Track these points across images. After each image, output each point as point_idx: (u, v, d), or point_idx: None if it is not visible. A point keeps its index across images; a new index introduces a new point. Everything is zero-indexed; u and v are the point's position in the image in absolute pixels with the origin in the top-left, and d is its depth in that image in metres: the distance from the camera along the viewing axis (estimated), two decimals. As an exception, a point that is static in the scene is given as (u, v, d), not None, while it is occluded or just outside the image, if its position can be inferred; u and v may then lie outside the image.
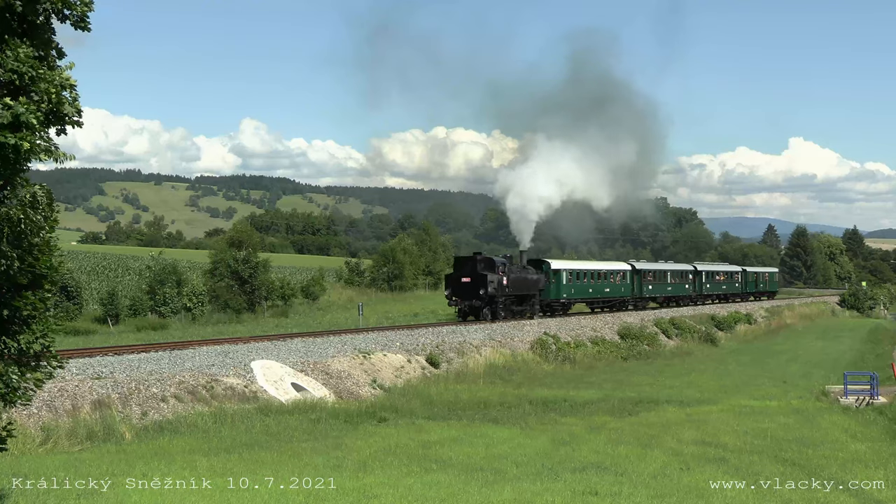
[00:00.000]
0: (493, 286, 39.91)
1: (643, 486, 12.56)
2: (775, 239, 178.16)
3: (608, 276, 53.60)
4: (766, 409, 21.47)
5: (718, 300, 72.23)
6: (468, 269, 40.25)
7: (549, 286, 46.30)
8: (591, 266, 53.94)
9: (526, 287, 43.42)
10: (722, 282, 72.92)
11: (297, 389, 23.02)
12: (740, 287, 76.95)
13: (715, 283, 71.17)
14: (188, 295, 55.73)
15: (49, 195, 8.11)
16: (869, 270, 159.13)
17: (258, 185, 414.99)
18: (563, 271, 47.83)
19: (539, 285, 44.97)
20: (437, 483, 12.53)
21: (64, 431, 16.42)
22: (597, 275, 52.21)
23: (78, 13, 7.84)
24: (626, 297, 55.82)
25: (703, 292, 68.30)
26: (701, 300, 68.22)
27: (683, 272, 65.50)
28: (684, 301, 64.95)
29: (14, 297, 7.97)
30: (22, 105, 7.17)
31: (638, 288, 57.06)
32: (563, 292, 47.78)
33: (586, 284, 50.48)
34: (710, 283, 69.77)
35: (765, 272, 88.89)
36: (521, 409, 22.18)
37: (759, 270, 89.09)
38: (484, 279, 39.56)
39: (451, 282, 40.86)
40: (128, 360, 22.19)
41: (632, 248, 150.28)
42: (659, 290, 61.03)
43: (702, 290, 67.88)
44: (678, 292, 63.92)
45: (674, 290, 63.23)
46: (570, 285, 48.44)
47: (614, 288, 54.17)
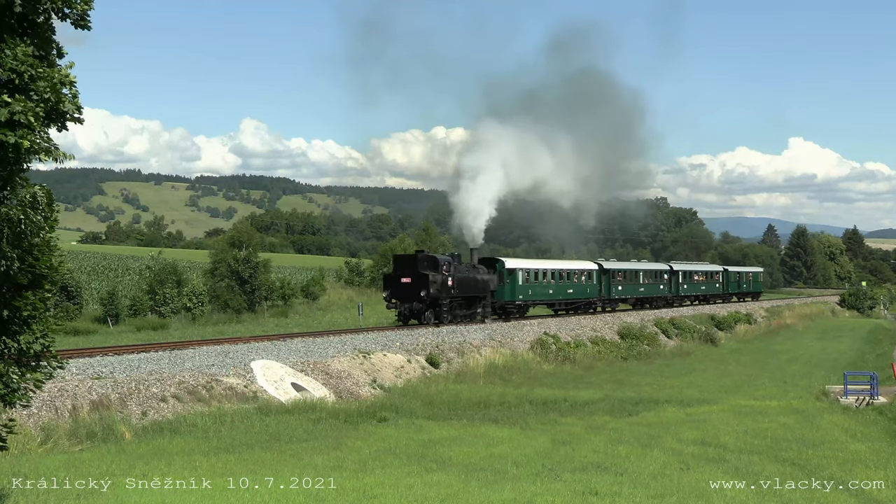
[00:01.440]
0: (437, 287, 36.73)
1: (643, 486, 12.56)
2: (775, 239, 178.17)
3: (571, 275, 49.79)
4: (766, 409, 21.46)
5: (697, 301, 69.26)
6: (408, 269, 36.93)
7: (503, 287, 42.84)
8: (551, 265, 49.80)
9: (475, 288, 40.17)
10: (701, 282, 69.34)
11: (297, 389, 23.02)
12: (721, 288, 73.55)
13: (693, 283, 67.57)
14: (188, 295, 55.76)
15: (49, 195, 8.11)
16: (869, 270, 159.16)
17: (258, 185, 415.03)
18: (518, 271, 44.23)
19: (490, 286, 41.57)
20: (438, 483, 12.52)
21: (64, 431, 16.42)
22: (558, 274, 48.31)
23: (78, 11, 7.84)
24: (592, 298, 51.96)
25: (680, 293, 64.99)
26: (677, 302, 64.90)
27: (658, 272, 61.93)
28: (658, 303, 61.58)
29: (14, 298, 7.97)
30: (19, 103, 7.16)
31: (606, 289, 53.37)
32: (519, 294, 44.08)
33: (546, 285, 46.75)
34: (687, 283, 66.23)
35: (748, 272, 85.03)
36: (521, 409, 22.18)
37: (743, 270, 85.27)
38: (425, 279, 36.18)
39: (390, 282, 37.52)
40: (128, 360, 22.19)
41: (632, 249, 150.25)
42: (630, 291, 57.28)
43: (678, 290, 64.43)
44: (652, 293, 60.45)
45: (647, 291, 59.61)
46: (527, 286, 44.82)
47: (579, 289, 50.36)
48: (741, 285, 78.90)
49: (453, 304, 38.39)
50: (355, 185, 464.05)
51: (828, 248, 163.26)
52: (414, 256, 38.03)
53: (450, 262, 38.01)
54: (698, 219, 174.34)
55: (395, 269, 38.13)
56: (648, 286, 59.58)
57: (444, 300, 37.35)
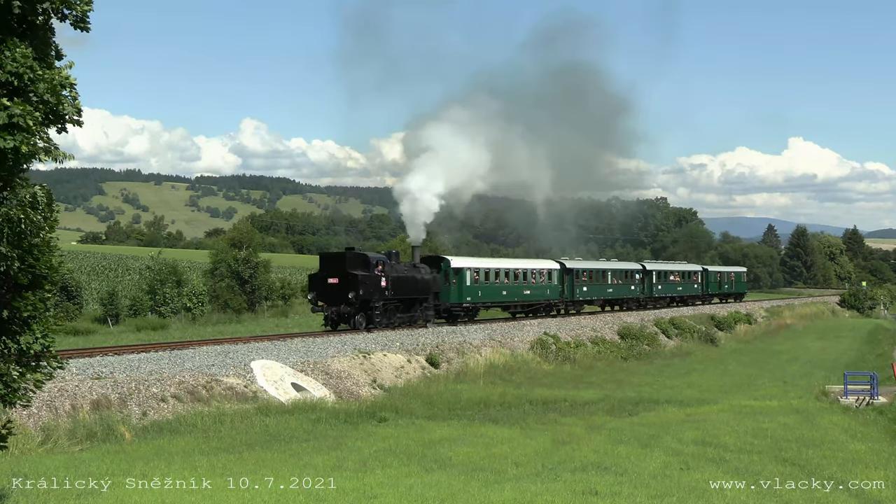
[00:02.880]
0: (368, 288, 33.48)
1: (643, 486, 12.56)
2: (775, 239, 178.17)
3: (528, 275, 46.02)
4: (766, 409, 21.47)
5: (673, 303, 65.25)
6: (336, 268, 33.60)
7: (448, 288, 39.50)
8: (505, 264, 46.06)
9: (414, 289, 36.75)
10: (677, 283, 65.22)
11: (297, 389, 23.02)
12: (700, 288, 69.47)
13: (668, 283, 63.61)
14: (188, 295, 55.78)
15: (49, 195, 8.11)
16: (869, 270, 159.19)
17: (258, 185, 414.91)
18: (466, 270, 40.70)
19: (433, 287, 38.15)
20: (438, 483, 12.52)
21: (64, 431, 16.42)
22: (513, 274, 44.68)
23: (78, 13, 7.84)
24: (552, 300, 48.26)
25: (654, 294, 60.85)
26: (651, 303, 60.74)
27: (628, 272, 58.23)
28: (629, 304, 58.00)
29: (14, 298, 7.97)
30: (17, 106, 7.16)
31: (569, 289, 49.66)
32: (467, 295, 40.60)
33: (498, 286, 43.19)
34: (662, 283, 62.21)
35: (730, 272, 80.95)
36: (521, 409, 22.19)
37: (724, 270, 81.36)
38: (354, 280, 32.98)
39: (316, 283, 34.12)
40: (128, 360, 22.19)
41: (632, 249, 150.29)
42: (596, 293, 53.36)
43: (652, 291, 60.43)
44: (621, 294, 56.73)
45: (615, 292, 55.86)
46: (477, 287, 41.31)
47: (537, 290, 46.70)
48: (722, 286, 75.20)
49: (388, 306, 34.99)
50: (355, 185, 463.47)
51: (828, 248, 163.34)
52: (342, 255, 34.71)
53: (384, 261, 34.87)
54: (698, 219, 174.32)
55: (321, 268, 34.68)
56: (618, 287, 56.06)
57: (376, 302, 33.96)
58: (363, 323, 33.64)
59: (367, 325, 33.84)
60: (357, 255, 34.56)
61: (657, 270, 62.00)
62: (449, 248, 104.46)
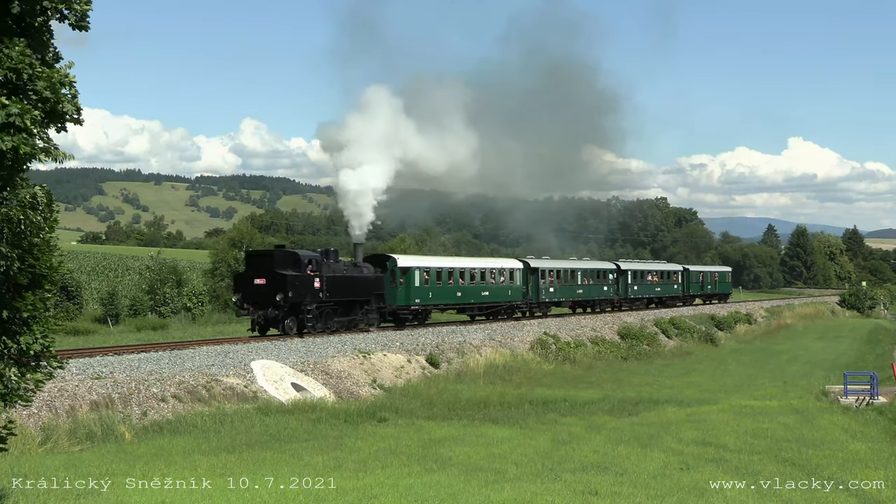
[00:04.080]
0: (298, 289, 30.48)
1: (643, 486, 12.56)
2: (775, 239, 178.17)
3: (487, 275, 42.47)
4: (766, 409, 21.47)
5: (651, 304, 62.22)
6: (262, 268, 30.59)
7: (395, 289, 36.40)
8: (460, 263, 42.32)
9: (354, 290, 33.75)
10: (655, 283, 61.75)
11: (297, 389, 23.02)
12: (680, 289, 65.77)
13: (645, 284, 60.18)
14: (188, 295, 55.78)
15: (49, 196, 8.11)
16: (869, 270, 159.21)
17: (258, 185, 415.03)
18: (415, 270, 37.36)
19: (377, 288, 35.07)
20: (438, 483, 12.52)
21: (64, 431, 16.42)
22: (469, 274, 41.14)
23: (77, 13, 7.83)
24: (515, 301, 44.62)
25: (629, 295, 57.62)
26: (626, 304, 57.73)
27: (601, 271, 54.56)
28: (601, 305, 54.70)
29: (14, 298, 7.97)
30: (16, 105, 7.15)
31: (534, 290, 46.24)
32: (416, 297, 37.24)
33: (452, 287, 39.74)
34: (638, 284, 58.83)
35: (713, 272, 77.25)
36: (521, 409, 22.18)
37: (707, 270, 77.46)
38: (283, 281, 29.97)
39: (241, 284, 31.11)
40: (128, 360, 22.19)
41: (632, 248, 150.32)
42: (564, 294, 49.92)
43: (627, 292, 57.17)
44: (593, 295, 53.17)
45: (586, 293, 52.26)
46: (427, 288, 37.91)
47: (497, 291, 43.11)
48: (705, 286, 71.32)
49: (324, 309, 32.05)
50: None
51: (828, 248, 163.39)
52: (269, 252, 31.90)
53: (318, 260, 31.80)
54: (698, 219, 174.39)
55: (247, 267, 31.66)
56: (589, 287, 52.50)
57: (308, 305, 31.00)
58: (293, 328, 30.73)
59: (299, 330, 31.02)
60: (286, 253, 31.81)
61: (633, 270, 58.82)
62: (449, 248, 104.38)
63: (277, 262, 30.62)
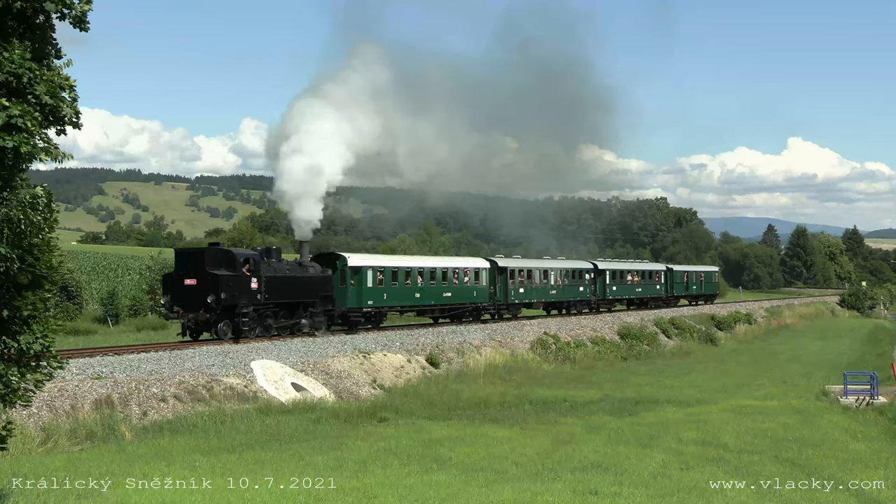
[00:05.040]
0: (232, 291, 28.02)
1: (643, 486, 12.56)
2: (775, 239, 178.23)
3: (449, 275, 39.79)
4: (766, 409, 21.47)
5: (633, 306, 60.08)
6: (193, 267, 28.07)
7: (345, 290, 33.61)
8: (418, 263, 39.77)
9: (298, 292, 31.14)
10: (636, 284, 59.26)
11: (297, 389, 23.03)
12: (663, 289, 63.20)
13: (625, 285, 57.61)
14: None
15: (49, 195, 8.12)
16: (869, 270, 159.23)
17: (258, 184, 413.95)
18: (366, 269, 34.57)
19: (324, 289, 32.44)
20: (438, 483, 12.52)
21: (64, 431, 16.43)
22: (429, 274, 38.44)
23: (77, 12, 7.84)
24: (481, 303, 42.09)
25: (608, 296, 55.10)
26: (604, 306, 55.38)
27: (576, 271, 51.86)
28: (578, 307, 52.03)
29: (14, 298, 7.97)
30: (16, 107, 7.17)
31: (502, 291, 43.57)
32: (368, 298, 34.49)
33: (410, 288, 37.18)
34: (617, 284, 56.26)
35: (699, 272, 73.82)
36: (521, 409, 22.19)
37: (693, 270, 74.12)
38: (215, 281, 27.52)
39: (171, 285, 28.58)
40: (128, 360, 22.19)
41: (632, 248, 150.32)
42: (536, 295, 47.19)
43: (605, 293, 54.59)
44: (567, 296, 50.55)
45: (560, 294, 49.59)
46: (381, 289, 35.27)
47: (462, 292, 40.43)
48: (690, 287, 68.31)
49: (263, 312, 29.53)
50: (355, 185, 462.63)
51: (828, 248, 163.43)
52: (200, 251, 29.47)
53: (255, 259, 29.24)
54: (698, 219, 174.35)
55: (176, 267, 29.05)
56: (563, 288, 49.92)
57: (245, 308, 28.46)
58: (227, 332, 28.25)
59: (235, 334, 28.54)
60: (220, 251, 29.35)
61: (611, 270, 56.32)
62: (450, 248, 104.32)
63: (209, 262, 28.25)
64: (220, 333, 28.07)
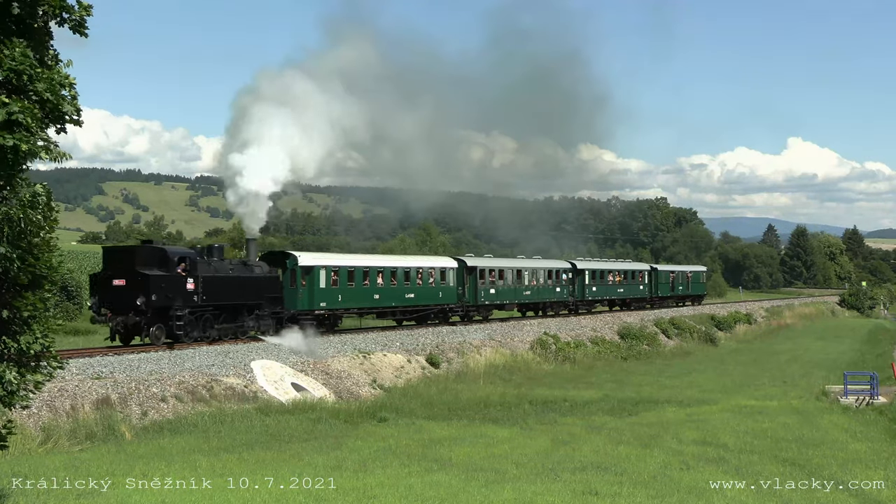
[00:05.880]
0: (165, 292, 25.61)
1: (643, 486, 12.56)
2: (775, 239, 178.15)
3: (412, 275, 37.16)
4: (766, 409, 21.47)
5: (618, 307, 57.59)
6: (122, 267, 25.84)
7: (295, 291, 31.06)
8: (377, 262, 36.89)
9: (241, 293, 28.54)
10: (618, 283, 56.23)
11: (297, 389, 23.04)
12: (647, 290, 60.19)
13: (606, 285, 54.63)
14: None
15: (48, 193, 8.11)
16: (869, 270, 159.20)
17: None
18: (319, 269, 31.85)
19: (272, 290, 29.89)
20: (438, 483, 12.53)
21: (64, 431, 16.43)
22: (389, 274, 35.78)
23: (76, 18, 7.84)
24: (448, 304, 39.23)
25: (587, 297, 52.11)
26: (584, 307, 52.38)
27: (553, 271, 48.86)
28: (554, 308, 49.07)
29: (14, 298, 7.97)
30: (16, 104, 7.16)
31: (471, 292, 40.86)
32: (321, 300, 31.75)
33: (368, 289, 34.29)
34: (597, 285, 53.36)
35: (685, 271, 70.05)
36: (521, 409, 22.20)
37: (678, 269, 70.48)
38: (145, 281, 25.21)
39: (99, 286, 26.11)
40: (128, 360, 22.19)
41: (632, 248, 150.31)
42: (510, 295, 44.14)
43: (584, 294, 51.60)
44: (543, 297, 47.66)
45: (535, 295, 46.63)
46: (335, 290, 32.61)
47: (425, 293, 37.76)
48: (676, 287, 65.03)
49: (201, 315, 26.96)
50: (355, 185, 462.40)
51: (828, 248, 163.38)
52: (130, 249, 27.39)
53: (192, 258, 26.84)
54: (698, 219, 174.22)
55: (104, 266, 26.71)
56: (538, 289, 47.02)
57: (179, 310, 25.97)
58: (160, 337, 25.95)
59: (170, 338, 26.19)
60: (152, 249, 26.88)
61: (591, 269, 53.45)
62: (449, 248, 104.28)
63: (140, 261, 25.98)
64: (152, 338, 25.77)
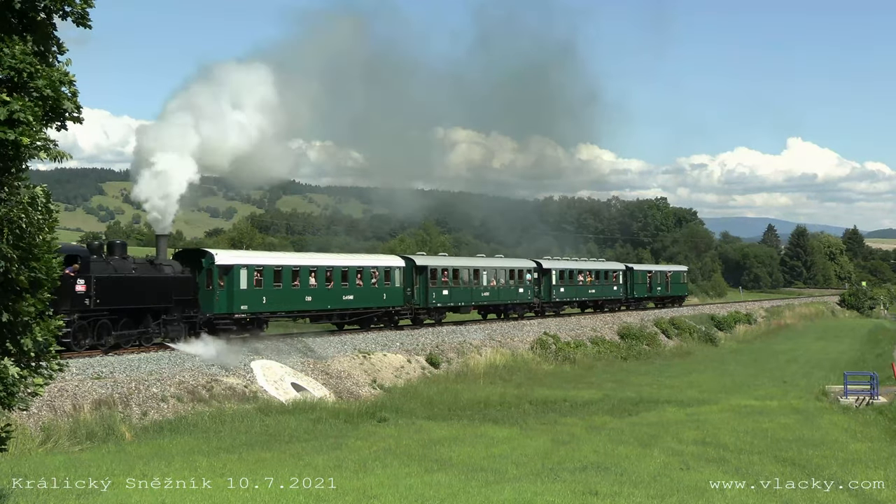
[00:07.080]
0: None
1: (643, 486, 12.56)
2: (775, 239, 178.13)
3: (351, 276, 33.18)
4: (766, 409, 21.47)
5: (591, 309, 53.70)
6: None
7: (212, 293, 27.71)
8: (308, 261, 32.94)
9: (142, 296, 25.09)
10: (589, 284, 52.08)
11: (297, 389, 23.03)
12: (622, 290, 56.27)
13: (575, 286, 50.43)
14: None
15: (47, 196, 8.11)
16: (869, 270, 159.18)
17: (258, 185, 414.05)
18: (240, 269, 28.29)
19: (183, 292, 26.59)
20: (438, 483, 12.52)
21: (64, 431, 16.42)
22: (324, 275, 31.99)
23: (78, 10, 7.84)
24: (394, 306, 35.38)
25: (554, 298, 47.93)
26: (551, 308, 48.18)
27: (515, 270, 44.61)
28: (518, 310, 44.70)
29: (15, 301, 7.96)
30: (18, 101, 7.16)
31: (420, 294, 37.06)
32: (242, 303, 28.16)
33: (298, 290, 30.58)
34: (566, 286, 49.25)
35: (664, 271, 65.98)
36: (521, 409, 22.20)
37: (656, 269, 66.33)
38: None
39: None
40: (128, 360, 22.18)
41: (631, 248, 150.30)
42: (465, 297, 40.02)
43: (551, 295, 47.52)
44: (504, 298, 43.45)
45: (494, 297, 42.53)
46: (259, 292, 28.94)
47: (366, 295, 33.90)
48: (654, 288, 61.02)
49: (94, 321, 23.48)
50: (355, 185, 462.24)
51: (828, 248, 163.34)
52: None
53: (84, 256, 23.44)
54: (698, 219, 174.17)
55: None
56: (498, 290, 43.05)
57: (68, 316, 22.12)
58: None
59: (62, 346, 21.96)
60: None
61: (559, 269, 49.35)
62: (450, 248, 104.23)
63: None
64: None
